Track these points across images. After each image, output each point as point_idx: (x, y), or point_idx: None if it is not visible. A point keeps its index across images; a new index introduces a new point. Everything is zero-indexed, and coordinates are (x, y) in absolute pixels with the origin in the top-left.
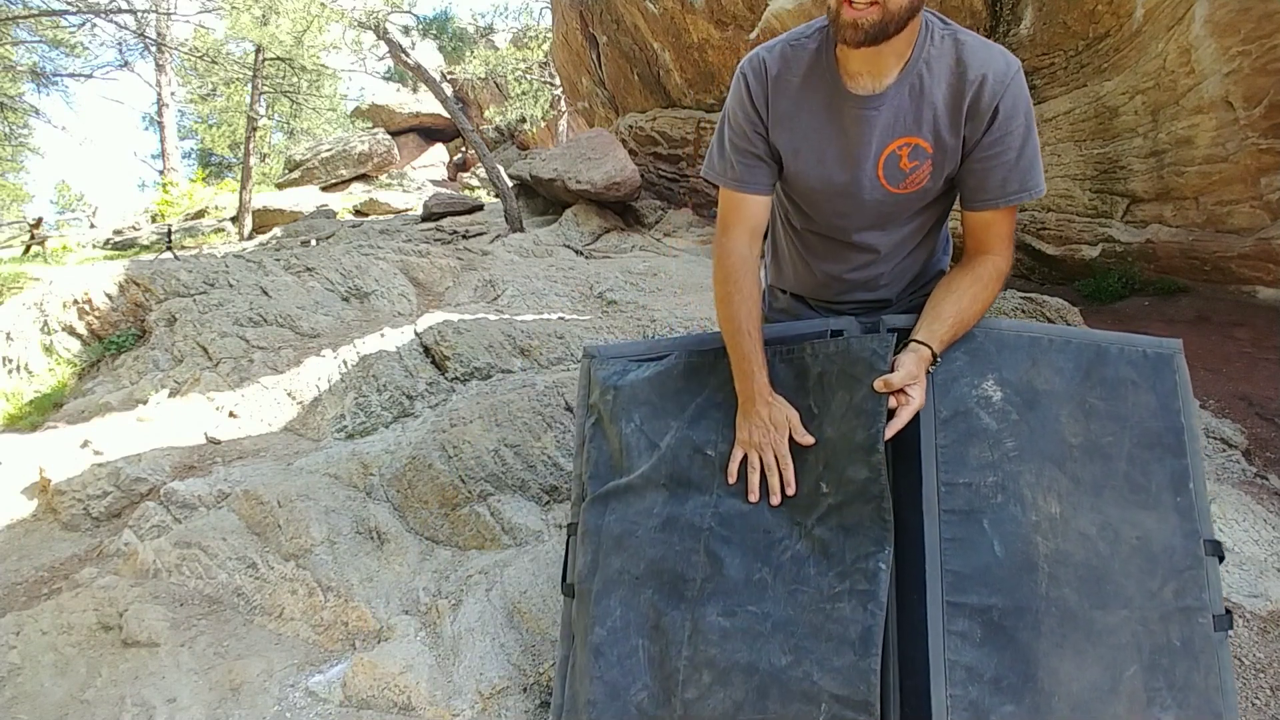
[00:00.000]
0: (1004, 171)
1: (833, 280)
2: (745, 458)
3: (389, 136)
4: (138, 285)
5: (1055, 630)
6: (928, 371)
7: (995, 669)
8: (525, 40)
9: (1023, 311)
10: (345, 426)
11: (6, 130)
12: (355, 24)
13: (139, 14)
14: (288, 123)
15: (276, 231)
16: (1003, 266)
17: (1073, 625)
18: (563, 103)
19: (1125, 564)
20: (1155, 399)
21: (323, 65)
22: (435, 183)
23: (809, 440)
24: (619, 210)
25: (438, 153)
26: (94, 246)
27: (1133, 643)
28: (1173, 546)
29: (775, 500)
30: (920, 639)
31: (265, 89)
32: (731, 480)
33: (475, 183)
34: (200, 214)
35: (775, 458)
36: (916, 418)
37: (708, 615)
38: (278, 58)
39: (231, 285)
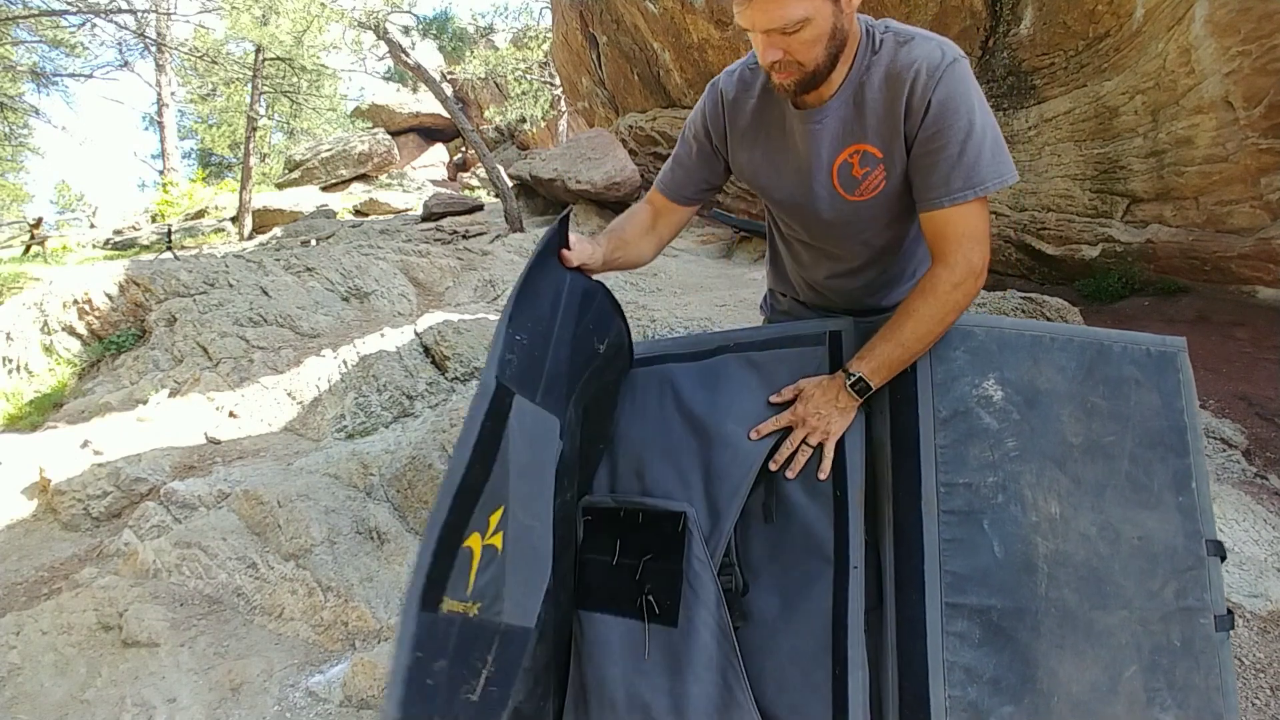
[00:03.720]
0: (946, 168)
1: (814, 287)
2: None
3: (389, 136)
4: (138, 285)
5: (1054, 631)
6: (851, 395)
7: (994, 670)
8: (525, 40)
9: (1023, 311)
10: (345, 426)
11: (6, 130)
12: (355, 24)
13: (139, 14)
14: (288, 123)
15: (276, 231)
16: (955, 276)
17: (1072, 626)
18: (563, 103)
19: (1126, 564)
20: (1158, 398)
21: (323, 65)
22: (435, 183)
23: None
24: (619, 210)
25: (438, 153)
26: (94, 246)
27: (1132, 643)
28: (1174, 546)
29: None
30: (919, 639)
31: (265, 89)
32: None
33: (475, 183)
34: (200, 214)
35: None
36: (916, 414)
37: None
38: (278, 58)
39: (231, 285)
